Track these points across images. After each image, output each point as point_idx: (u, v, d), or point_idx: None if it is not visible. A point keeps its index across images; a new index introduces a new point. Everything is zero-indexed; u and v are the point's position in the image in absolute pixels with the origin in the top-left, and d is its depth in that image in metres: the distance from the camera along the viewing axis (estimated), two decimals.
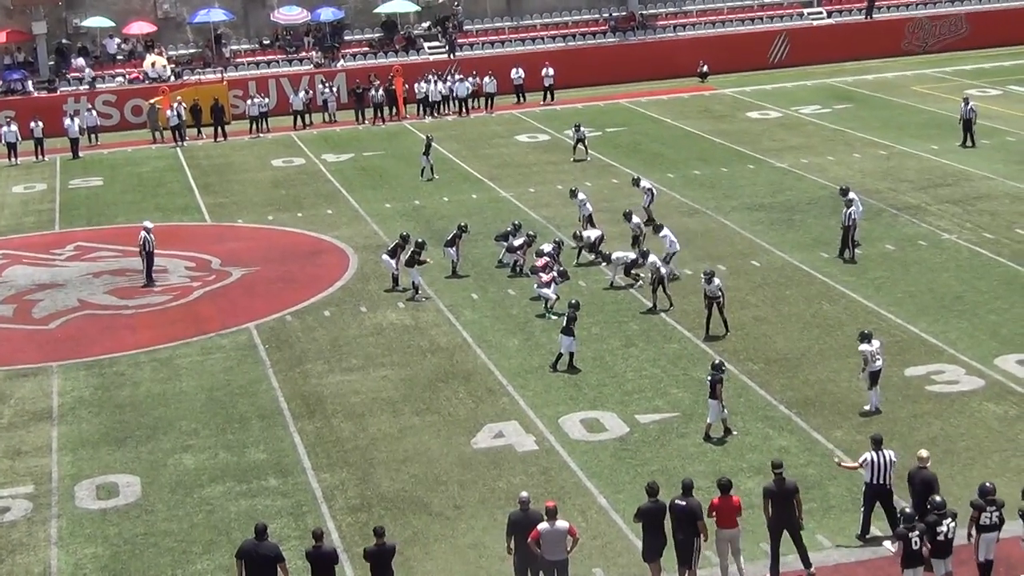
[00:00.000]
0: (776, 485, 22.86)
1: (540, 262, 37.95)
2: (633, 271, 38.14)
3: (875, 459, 23.79)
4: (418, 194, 51.06)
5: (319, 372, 33.63)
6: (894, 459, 23.96)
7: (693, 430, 28.82)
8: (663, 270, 36.35)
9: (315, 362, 34.31)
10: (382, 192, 51.85)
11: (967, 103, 53.37)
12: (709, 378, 28.43)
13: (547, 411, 30.32)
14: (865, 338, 29.21)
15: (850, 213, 39.47)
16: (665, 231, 38.98)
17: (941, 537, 21.60)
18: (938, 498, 22.12)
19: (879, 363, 29.14)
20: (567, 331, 32.58)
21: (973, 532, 22.13)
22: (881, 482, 23.80)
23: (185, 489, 27.58)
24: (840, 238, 39.84)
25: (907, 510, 21.58)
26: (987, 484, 22.38)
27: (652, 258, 36.59)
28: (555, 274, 37.27)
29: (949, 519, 21.77)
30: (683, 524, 22.54)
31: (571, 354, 32.76)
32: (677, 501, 22.62)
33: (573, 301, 34.07)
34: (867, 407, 29.48)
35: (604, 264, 39.44)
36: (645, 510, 22.59)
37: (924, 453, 23.66)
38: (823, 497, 25.34)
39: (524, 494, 22.83)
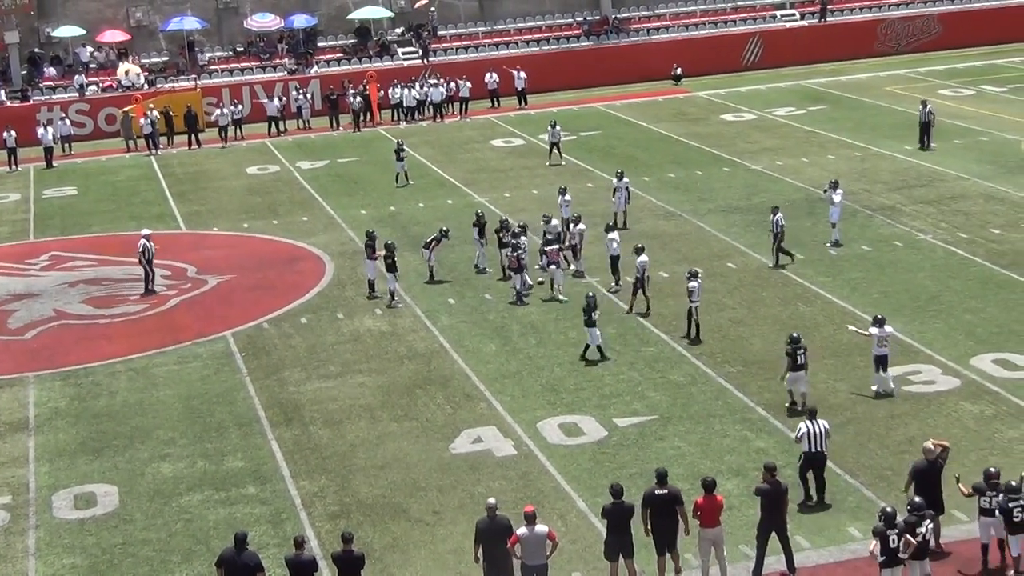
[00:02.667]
0: (771, 487, 22.90)
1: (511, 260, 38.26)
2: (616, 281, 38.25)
3: (810, 429, 25.00)
4: (393, 200, 51.04)
5: (297, 379, 33.57)
6: (828, 428, 25.19)
7: (671, 433, 28.86)
8: (646, 272, 36.28)
9: (292, 369, 34.25)
10: (357, 198, 51.82)
11: (925, 106, 53.63)
12: (791, 349, 29.07)
13: (525, 416, 30.32)
14: (878, 322, 30.07)
15: (777, 220, 39.38)
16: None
17: (919, 539, 21.66)
18: (918, 499, 22.19)
19: (885, 349, 29.95)
20: (590, 323, 33.21)
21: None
22: (818, 450, 25.09)
23: (163, 498, 27.50)
24: (775, 248, 39.77)
25: (887, 509, 21.60)
26: (991, 469, 22.66)
27: (644, 258, 36.35)
28: (556, 248, 38.22)
29: (928, 521, 21.84)
30: (664, 512, 22.84)
31: (598, 345, 33.39)
32: (657, 491, 22.84)
33: (590, 294, 34.29)
34: (874, 387, 30.26)
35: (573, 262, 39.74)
36: (609, 511, 22.69)
37: (931, 444, 23.91)
38: (801, 498, 25.37)
39: (491, 500, 22.70)
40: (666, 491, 22.83)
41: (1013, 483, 22.39)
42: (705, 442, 28.41)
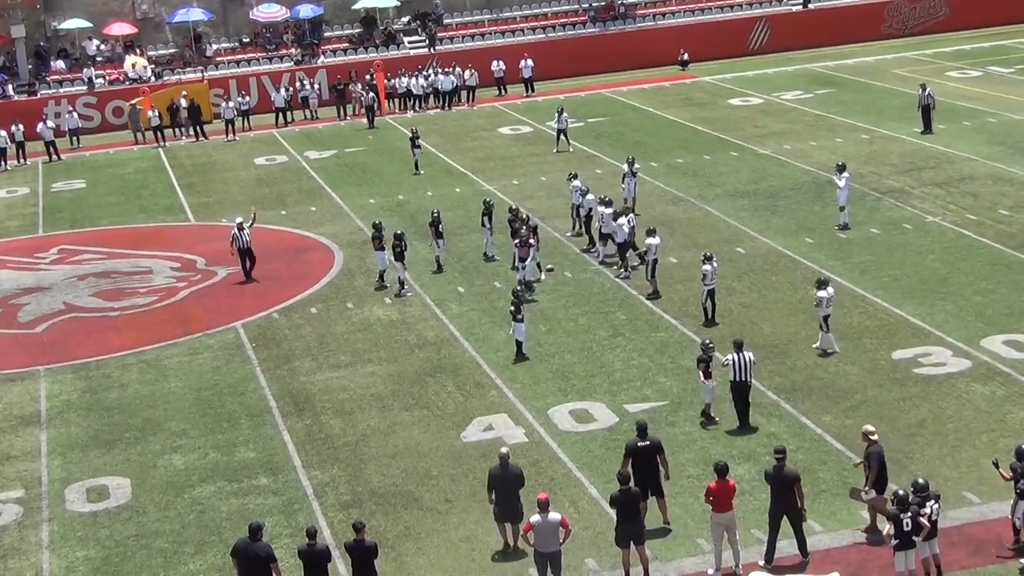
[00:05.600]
0: (776, 471, 22.89)
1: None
2: (636, 252, 38.14)
3: (736, 360, 27.72)
4: (401, 189, 51.04)
5: (307, 369, 33.61)
6: (754, 360, 27.99)
7: (682, 418, 28.86)
8: (651, 256, 36.25)
9: (303, 359, 34.29)
10: (365, 188, 51.83)
11: (924, 89, 53.52)
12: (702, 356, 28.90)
13: (536, 403, 30.33)
14: (823, 285, 31.46)
15: (628, 220, 39.26)
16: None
17: (925, 520, 21.65)
18: (921, 480, 22.16)
19: (830, 309, 31.55)
20: (516, 318, 33.12)
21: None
22: (743, 379, 27.80)
23: (176, 490, 27.56)
24: (618, 253, 39.21)
25: (899, 492, 21.60)
26: (1023, 447, 22.57)
27: (653, 240, 36.39)
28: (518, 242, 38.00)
29: (932, 501, 21.80)
30: (648, 462, 24.12)
31: (519, 342, 33.28)
32: (640, 443, 24.15)
33: (518, 288, 34.77)
34: (815, 345, 31.92)
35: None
36: (618, 498, 22.78)
37: (870, 427, 24.12)
38: (813, 482, 25.36)
39: (504, 450, 24.05)
40: (648, 442, 24.19)
41: None
42: (716, 427, 28.41)
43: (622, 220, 38.52)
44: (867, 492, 23.37)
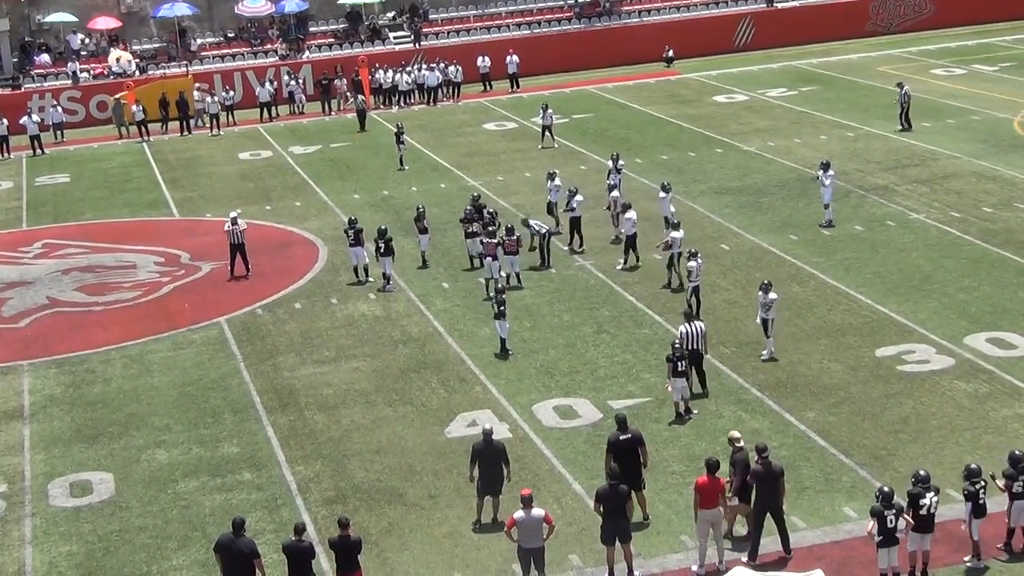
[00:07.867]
0: (763, 468, 22.90)
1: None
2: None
3: (688, 330, 29.25)
4: (386, 184, 51.00)
5: (291, 365, 33.57)
6: (704, 329, 29.48)
7: (666, 415, 28.88)
8: (675, 249, 36.28)
9: (287, 355, 34.25)
10: (350, 183, 51.77)
11: (902, 87, 53.60)
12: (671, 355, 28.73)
13: (520, 399, 30.34)
14: (765, 288, 31.37)
15: (534, 226, 39.56)
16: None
17: (923, 511, 21.67)
18: (923, 472, 22.18)
19: (772, 313, 31.37)
20: (499, 315, 33.08)
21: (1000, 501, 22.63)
22: (694, 348, 29.17)
23: (159, 485, 27.51)
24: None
25: (884, 489, 21.63)
26: (1016, 452, 22.54)
27: (677, 233, 36.50)
28: (515, 238, 37.90)
29: (932, 493, 21.81)
30: (628, 455, 24.25)
31: (502, 339, 33.30)
32: (621, 437, 24.30)
33: (499, 285, 34.69)
34: (766, 352, 31.72)
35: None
36: (604, 494, 22.74)
37: (736, 434, 24.23)
38: (797, 478, 25.41)
39: (488, 426, 24.88)
40: (629, 435, 24.35)
41: (973, 466, 22.37)
42: (700, 423, 28.44)
43: (631, 214, 38.55)
44: (730, 499, 23.33)
